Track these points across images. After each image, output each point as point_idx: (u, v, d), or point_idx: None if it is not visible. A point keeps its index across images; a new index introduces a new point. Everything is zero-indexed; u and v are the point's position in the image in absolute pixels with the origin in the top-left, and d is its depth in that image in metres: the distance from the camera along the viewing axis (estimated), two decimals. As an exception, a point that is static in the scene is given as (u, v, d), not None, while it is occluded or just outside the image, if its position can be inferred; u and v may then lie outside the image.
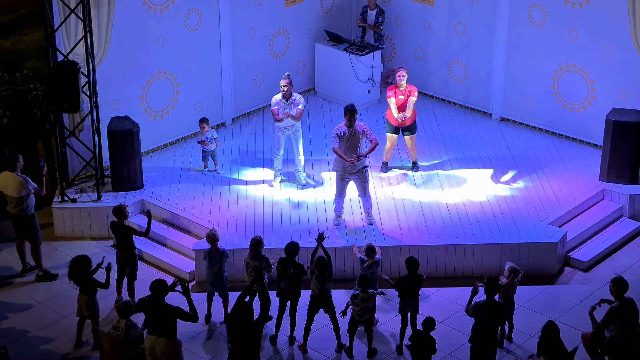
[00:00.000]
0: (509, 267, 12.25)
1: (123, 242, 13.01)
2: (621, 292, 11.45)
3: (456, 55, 17.95)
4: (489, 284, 11.31)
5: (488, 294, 11.30)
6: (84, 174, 15.48)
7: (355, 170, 14.09)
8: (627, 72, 15.83)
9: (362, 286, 12.03)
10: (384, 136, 15.82)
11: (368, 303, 12.03)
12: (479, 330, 11.28)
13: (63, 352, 12.38)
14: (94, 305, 12.26)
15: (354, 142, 14.01)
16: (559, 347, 11.02)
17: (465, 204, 14.93)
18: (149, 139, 16.20)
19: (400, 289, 12.16)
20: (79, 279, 12.17)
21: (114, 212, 13.00)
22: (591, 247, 14.42)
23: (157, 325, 11.06)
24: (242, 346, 10.55)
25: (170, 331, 11.03)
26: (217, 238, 12.78)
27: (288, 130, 15.23)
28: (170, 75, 16.37)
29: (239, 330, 10.56)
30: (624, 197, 15.10)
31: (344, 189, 14.30)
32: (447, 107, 18.19)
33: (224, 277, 12.87)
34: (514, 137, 17.02)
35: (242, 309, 10.63)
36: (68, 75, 14.00)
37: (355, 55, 17.72)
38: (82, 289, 12.24)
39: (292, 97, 15.03)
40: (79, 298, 12.29)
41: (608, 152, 15.22)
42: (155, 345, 11.06)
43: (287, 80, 14.96)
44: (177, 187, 15.42)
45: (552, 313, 13.02)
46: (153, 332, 11.08)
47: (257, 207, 14.89)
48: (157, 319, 11.05)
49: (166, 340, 11.01)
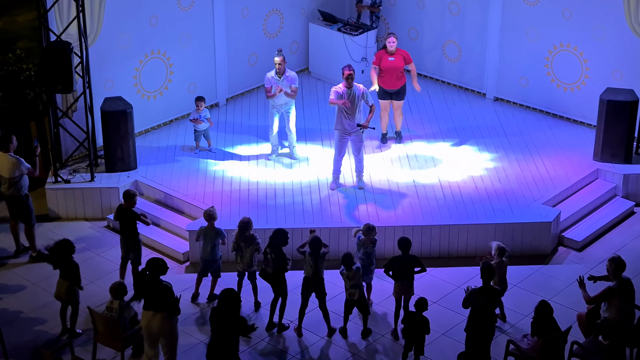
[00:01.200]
0: (495, 246, 12.21)
1: (127, 227, 12.93)
2: (619, 272, 11.46)
3: (450, 35, 17.91)
4: (485, 270, 11.25)
5: (484, 279, 11.25)
6: (77, 155, 15.44)
7: (353, 129, 14.32)
8: (621, 52, 15.81)
9: (346, 264, 11.99)
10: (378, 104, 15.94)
11: (355, 280, 12.02)
12: (475, 318, 11.25)
13: (57, 333, 12.37)
14: (74, 291, 12.21)
15: (353, 104, 14.16)
16: (552, 326, 11.05)
17: (459, 184, 14.94)
18: (142, 119, 16.16)
19: (394, 269, 12.13)
20: (60, 262, 12.12)
21: (125, 196, 12.85)
22: (585, 227, 14.44)
23: (153, 301, 11.03)
24: (223, 336, 10.56)
25: (166, 306, 10.99)
26: (214, 217, 12.76)
27: (282, 109, 15.24)
28: (164, 55, 16.31)
29: (223, 321, 10.56)
30: (618, 177, 15.11)
31: (343, 148, 14.56)
32: (441, 87, 18.16)
33: (217, 255, 12.86)
34: (508, 117, 17.01)
35: (228, 299, 10.62)
36: (61, 56, 13.94)
37: (349, 35, 17.68)
38: (62, 273, 12.18)
39: (285, 73, 15.02)
40: (58, 283, 12.22)
41: (602, 131, 15.22)
42: (151, 322, 11.04)
43: (281, 57, 14.95)
44: (171, 168, 15.39)
45: (546, 293, 13.04)
46: (150, 308, 11.05)
47: (251, 187, 14.88)
48: (154, 295, 11.02)
49: (162, 316, 10.98)
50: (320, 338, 12.26)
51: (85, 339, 12.17)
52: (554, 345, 11.05)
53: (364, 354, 12.00)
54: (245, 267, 12.72)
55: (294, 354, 12.02)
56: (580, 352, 11.34)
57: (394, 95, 15.86)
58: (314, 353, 12.04)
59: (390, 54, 15.74)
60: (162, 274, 11.13)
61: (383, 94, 15.89)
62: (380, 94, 15.91)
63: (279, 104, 15.21)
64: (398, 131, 16.17)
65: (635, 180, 15.07)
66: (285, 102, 15.19)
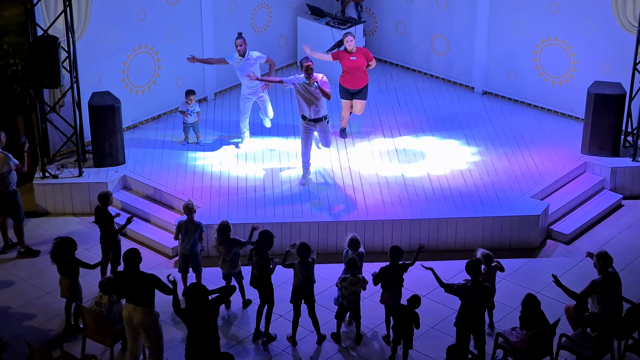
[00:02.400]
0: (480, 253, 11.98)
1: (104, 228, 12.90)
2: (606, 267, 11.50)
3: (438, 28, 17.92)
4: (471, 266, 11.21)
5: (472, 275, 11.23)
6: (65, 150, 15.41)
7: (316, 118, 14.33)
8: (609, 45, 15.84)
9: (351, 270, 11.87)
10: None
11: (357, 287, 11.93)
12: (465, 313, 11.27)
13: (46, 329, 12.35)
14: (76, 288, 12.18)
15: (312, 94, 14.23)
16: (540, 319, 11.09)
17: (448, 177, 14.96)
18: (130, 114, 16.13)
19: (384, 279, 11.95)
20: (62, 260, 12.08)
21: (100, 198, 12.81)
22: (573, 220, 14.48)
23: (134, 295, 10.98)
24: (199, 327, 10.54)
25: (147, 300, 10.93)
26: (193, 209, 12.71)
27: (253, 96, 15.38)
28: (152, 50, 16.28)
29: (194, 311, 10.55)
30: (606, 170, 15.15)
31: (308, 140, 14.56)
32: (430, 80, 18.17)
33: (197, 250, 12.78)
34: (496, 110, 17.04)
35: (194, 290, 10.59)
36: (48, 51, 13.90)
37: (337, 29, 17.67)
38: (63, 271, 12.14)
39: (246, 54, 15.28)
40: (60, 281, 12.20)
41: (590, 125, 15.26)
42: (132, 315, 10.98)
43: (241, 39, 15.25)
44: (159, 163, 15.37)
45: (534, 286, 13.08)
46: (131, 301, 11.01)
47: (240, 181, 14.88)
48: (134, 288, 10.96)
49: (143, 310, 10.91)
50: (314, 346, 12.17)
51: (75, 334, 12.16)
52: (543, 338, 11.10)
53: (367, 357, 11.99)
54: (229, 269, 12.61)
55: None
56: (568, 344, 11.38)
57: (356, 95, 15.85)
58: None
59: (351, 52, 15.69)
60: (138, 263, 11.02)
61: (345, 94, 15.86)
62: (342, 93, 15.89)
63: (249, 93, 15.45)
64: (343, 128, 16.20)
65: (623, 174, 15.12)
66: (254, 89, 15.39)
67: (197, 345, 10.57)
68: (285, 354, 11.96)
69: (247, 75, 15.03)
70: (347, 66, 15.69)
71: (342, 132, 16.12)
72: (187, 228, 12.69)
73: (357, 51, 15.71)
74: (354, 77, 15.69)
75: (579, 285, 12.68)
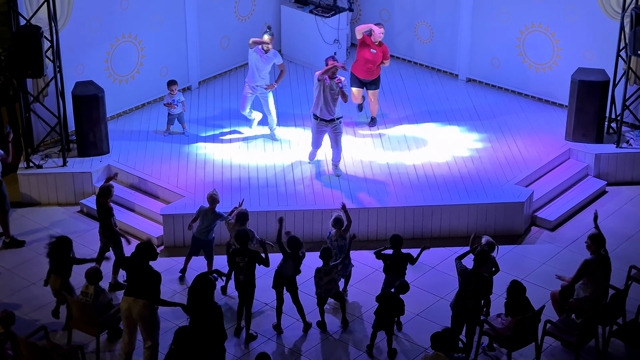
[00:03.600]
0: (485, 241, 11.95)
1: (104, 222, 12.82)
2: (599, 247, 11.57)
3: (422, 16, 17.92)
4: (480, 254, 11.18)
5: (476, 262, 11.19)
6: (49, 140, 15.35)
7: (330, 119, 14.26)
8: (592, 32, 15.88)
9: (324, 259, 11.89)
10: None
11: (332, 275, 11.94)
12: (461, 297, 11.26)
13: (32, 319, 12.32)
14: (68, 287, 12.14)
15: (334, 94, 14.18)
16: (525, 305, 11.14)
17: (432, 165, 14.98)
18: (114, 103, 16.08)
19: (387, 265, 11.98)
20: (58, 260, 12.04)
21: (101, 191, 12.70)
22: (557, 207, 14.54)
23: (137, 287, 10.96)
24: (201, 320, 10.55)
25: (149, 294, 10.92)
26: (217, 200, 12.74)
27: (256, 91, 15.28)
28: (135, 39, 16.23)
29: (199, 304, 10.56)
30: (590, 156, 15.21)
31: (319, 140, 14.57)
32: (414, 68, 18.18)
33: (210, 237, 12.76)
34: (480, 97, 17.06)
35: (201, 282, 10.60)
36: (31, 40, 13.84)
37: (321, 17, 17.65)
38: (56, 270, 12.09)
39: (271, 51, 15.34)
40: (52, 281, 12.13)
41: (573, 111, 15.31)
42: (132, 307, 10.97)
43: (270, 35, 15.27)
44: (144, 152, 15.34)
45: (520, 272, 13.13)
46: (131, 294, 10.98)
47: (225, 170, 14.86)
48: (139, 281, 10.95)
49: (144, 303, 10.91)
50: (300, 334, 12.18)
51: (61, 324, 12.13)
52: (528, 324, 11.15)
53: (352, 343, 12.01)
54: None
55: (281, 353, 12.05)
56: (553, 330, 11.44)
57: (368, 85, 15.85)
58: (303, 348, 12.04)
59: (375, 44, 15.66)
60: (151, 260, 11.03)
61: (357, 82, 15.86)
62: (354, 82, 15.88)
63: (256, 86, 15.32)
64: (373, 117, 16.15)
65: (607, 160, 15.18)
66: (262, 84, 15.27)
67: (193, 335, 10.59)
68: (270, 342, 11.98)
69: (267, 86, 15.24)
70: (364, 57, 15.65)
71: (372, 121, 16.12)
72: (205, 215, 12.73)
73: (381, 47, 15.68)
74: (367, 69, 15.68)
75: (564, 271, 12.77)
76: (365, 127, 16.09)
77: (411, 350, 11.83)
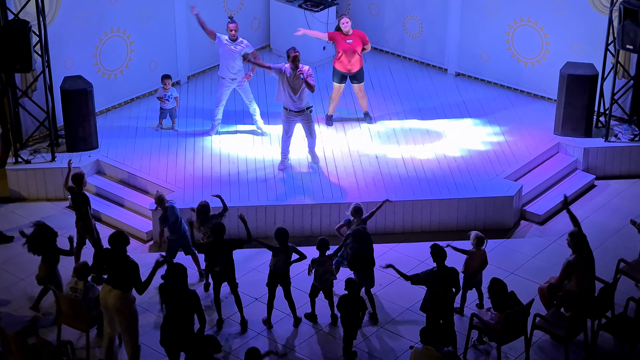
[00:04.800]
0: (473, 235, 12.04)
1: (79, 211, 12.80)
2: (579, 245, 11.59)
3: (411, 10, 17.92)
4: (435, 251, 11.20)
5: (437, 260, 11.22)
6: (38, 135, 15.31)
7: (298, 109, 14.29)
8: (581, 26, 15.91)
9: (319, 250, 11.89)
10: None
11: (326, 266, 11.92)
12: (433, 299, 11.27)
13: (21, 315, 12.30)
14: (54, 275, 12.12)
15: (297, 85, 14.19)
16: (511, 301, 11.15)
17: (421, 159, 15.00)
18: (103, 98, 16.05)
19: (359, 264, 11.96)
20: (42, 249, 12.02)
21: (73, 179, 12.71)
22: (546, 201, 14.57)
23: (113, 277, 10.92)
24: (176, 310, 10.54)
25: (124, 285, 10.86)
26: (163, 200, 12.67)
27: (234, 83, 15.30)
28: (124, 33, 16.18)
29: (173, 293, 10.55)
30: (578, 150, 15.24)
31: (290, 129, 14.54)
32: (403, 62, 18.18)
33: (181, 232, 12.66)
34: (470, 92, 17.08)
35: (174, 271, 10.59)
36: (19, 35, 13.80)
37: (309, 12, 17.64)
38: (43, 258, 12.09)
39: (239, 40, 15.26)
40: (40, 267, 12.15)
41: (562, 105, 15.33)
42: (107, 297, 10.91)
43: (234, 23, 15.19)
44: (133, 147, 15.31)
45: (509, 266, 13.16)
46: (109, 282, 10.93)
47: (214, 165, 14.85)
48: (115, 270, 10.91)
49: (118, 294, 10.84)
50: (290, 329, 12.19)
51: (50, 320, 12.12)
52: (517, 318, 11.18)
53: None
54: None
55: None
56: (542, 324, 11.47)
57: (353, 79, 15.78)
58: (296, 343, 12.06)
59: (347, 35, 15.67)
60: (125, 245, 10.99)
61: (339, 77, 15.78)
62: (336, 77, 15.81)
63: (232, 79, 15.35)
64: (365, 112, 16.12)
65: (596, 154, 15.21)
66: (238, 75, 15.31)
67: (172, 328, 10.57)
68: (261, 337, 11.98)
69: (245, 77, 15.23)
70: (342, 48, 15.60)
71: (328, 119, 16.00)
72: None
73: (353, 34, 15.65)
74: (349, 60, 15.61)
75: (553, 265, 12.81)
76: (352, 120, 16.05)
77: (400, 345, 11.84)
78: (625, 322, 11.54)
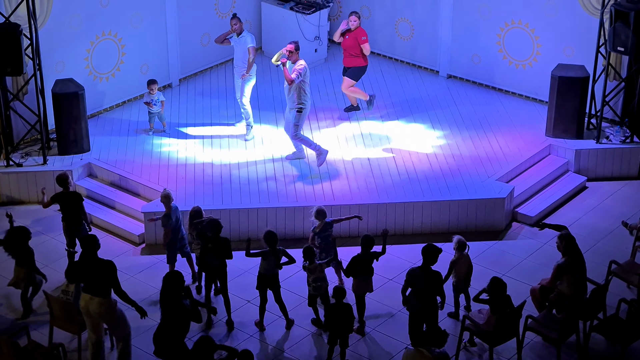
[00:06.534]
0: (456, 240, 12.01)
1: (72, 212, 12.75)
2: (568, 248, 11.60)
3: (402, 12, 17.94)
4: (427, 250, 11.18)
5: (425, 258, 11.19)
6: (29, 138, 15.29)
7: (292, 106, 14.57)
8: (572, 28, 15.94)
9: (308, 258, 11.85)
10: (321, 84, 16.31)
11: (317, 273, 11.91)
12: (415, 298, 11.27)
13: (12, 318, 12.25)
14: (32, 277, 12.09)
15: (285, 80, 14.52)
16: (506, 302, 11.16)
17: (413, 161, 15.01)
18: (94, 101, 16.04)
19: (356, 269, 11.92)
20: (16, 250, 11.99)
21: (58, 181, 12.65)
22: (538, 202, 14.59)
23: (90, 284, 10.85)
24: (171, 318, 10.54)
25: (103, 290, 10.81)
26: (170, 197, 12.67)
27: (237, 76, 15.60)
28: (115, 36, 16.17)
29: (169, 301, 10.54)
30: (570, 152, 15.26)
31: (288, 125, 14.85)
32: (394, 65, 18.20)
33: (178, 236, 12.64)
34: (461, 94, 17.10)
35: (171, 279, 10.58)
36: (10, 38, 13.77)
37: (301, 14, 17.64)
38: (18, 260, 12.05)
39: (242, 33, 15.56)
40: (15, 270, 12.10)
41: (554, 107, 15.36)
42: (89, 305, 10.87)
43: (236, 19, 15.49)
44: (125, 150, 15.30)
45: (501, 268, 13.17)
46: (87, 291, 10.87)
47: (206, 168, 14.84)
48: (91, 277, 10.85)
49: (99, 301, 10.80)
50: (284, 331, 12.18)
51: (42, 323, 12.08)
52: (509, 320, 11.18)
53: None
54: None
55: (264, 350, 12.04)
56: (534, 325, 11.48)
57: (345, 71, 16.15)
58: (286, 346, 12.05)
59: (349, 32, 15.98)
60: (95, 249, 10.91)
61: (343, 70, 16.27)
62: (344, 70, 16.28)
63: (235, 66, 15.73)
64: (352, 105, 16.34)
65: (587, 156, 15.24)
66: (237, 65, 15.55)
67: (165, 333, 10.56)
68: (253, 339, 11.97)
69: (241, 76, 15.40)
70: (342, 44, 16.20)
71: (368, 103, 16.30)
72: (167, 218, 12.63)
73: (353, 32, 15.98)
74: (344, 56, 16.17)
75: (544, 266, 12.82)
76: (344, 122, 16.10)
77: (393, 347, 11.84)
78: (617, 323, 11.56)
